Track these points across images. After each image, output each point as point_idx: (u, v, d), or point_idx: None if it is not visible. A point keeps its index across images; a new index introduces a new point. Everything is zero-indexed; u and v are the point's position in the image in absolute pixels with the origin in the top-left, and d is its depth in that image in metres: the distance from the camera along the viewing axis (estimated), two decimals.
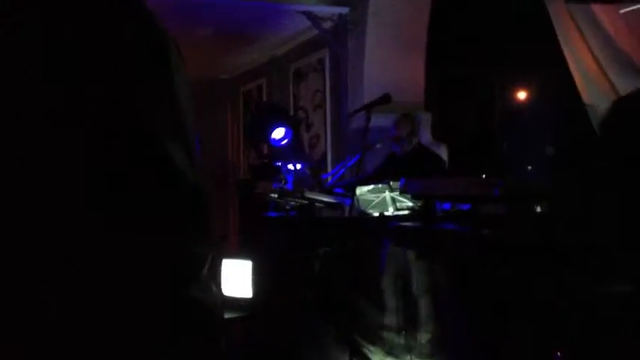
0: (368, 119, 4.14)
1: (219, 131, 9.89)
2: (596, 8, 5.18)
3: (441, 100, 7.16)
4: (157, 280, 0.92)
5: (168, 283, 0.93)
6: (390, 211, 4.71)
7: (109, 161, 0.90)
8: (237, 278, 5.40)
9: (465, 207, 4.14)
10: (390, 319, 5.09)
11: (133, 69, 0.94)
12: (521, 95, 7.10)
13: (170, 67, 0.99)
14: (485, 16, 6.62)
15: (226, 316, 5.24)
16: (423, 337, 4.84)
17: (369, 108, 4.26)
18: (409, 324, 4.95)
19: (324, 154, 7.25)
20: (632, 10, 4.99)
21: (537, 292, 3.66)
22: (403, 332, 4.99)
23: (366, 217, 4.69)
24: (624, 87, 5.08)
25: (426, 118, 6.47)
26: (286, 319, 5.01)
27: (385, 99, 4.25)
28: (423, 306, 4.82)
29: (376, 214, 4.74)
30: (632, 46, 5.08)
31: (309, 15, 6.76)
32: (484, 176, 3.70)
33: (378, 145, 5.36)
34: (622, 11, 5.00)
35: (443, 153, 6.26)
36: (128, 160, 0.91)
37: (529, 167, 5.98)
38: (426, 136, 6.28)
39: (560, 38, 5.44)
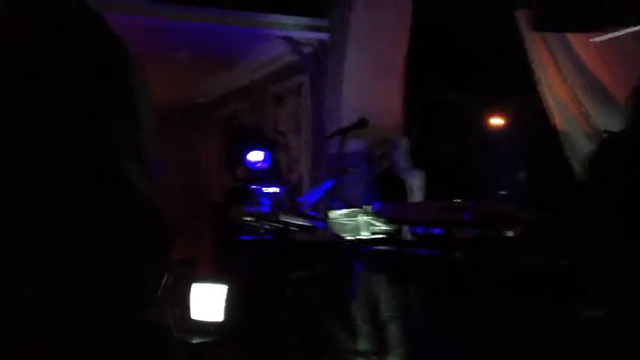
0: (343, 143, 4.15)
1: (195, 155, 9.86)
2: (570, 36, 5.25)
3: (418, 126, 7.20)
4: (110, 302, 0.90)
5: (121, 304, 0.91)
6: (364, 235, 4.71)
7: (62, 177, 0.89)
8: (208, 302, 5.36)
9: (437, 231, 4.16)
10: (363, 345, 5.07)
11: (92, 85, 0.94)
12: (497, 121, 7.17)
13: (131, 85, 0.98)
14: (462, 43, 6.69)
15: (197, 340, 5.19)
16: None
17: (344, 132, 4.28)
18: (382, 349, 4.93)
19: (302, 178, 7.25)
20: (605, 40, 5.06)
21: (510, 315, 3.66)
22: (375, 358, 4.97)
23: (339, 241, 4.68)
24: (597, 114, 5.15)
25: (404, 144, 6.50)
26: (258, 344, 4.96)
27: (361, 124, 4.27)
28: (392, 331, 4.80)
29: (350, 238, 4.75)
30: (605, 74, 5.14)
31: (289, 40, 6.80)
32: (457, 201, 3.71)
33: (355, 170, 5.38)
34: (593, 40, 5.07)
35: (420, 178, 6.28)
36: (83, 177, 0.90)
37: (502, 192, 6.02)
38: (403, 161, 6.31)
39: (534, 65, 5.51)
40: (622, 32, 4.94)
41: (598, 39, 5.10)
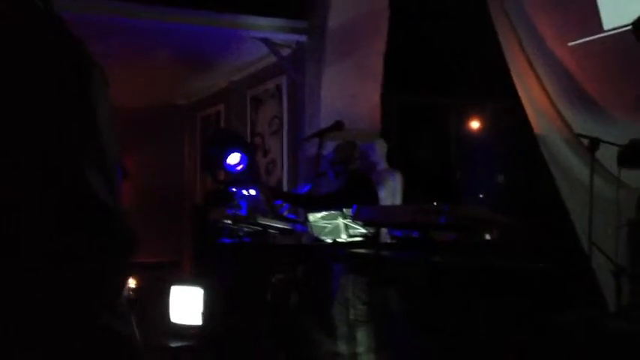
0: (320, 146, 4.15)
1: (176, 157, 9.82)
2: (547, 40, 5.29)
3: (397, 128, 7.22)
4: (67, 309, 0.89)
5: (78, 312, 0.90)
6: (342, 238, 4.71)
7: (20, 184, 0.87)
8: (187, 305, 5.33)
9: (416, 234, 4.17)
10: (342, 347, 5.06)
11: (51, 90, 0.92)
12: (475, 124, 7.21)
13: (91, 90, 0.97)
14: (441, 46, 6.72)
15: (176, 344, 5.17)
16: None
17: (321, 135, 4.27)
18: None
19: (280, 180, 7.24)
20: (582, 43, 5.10)
21: (485, 318, 3.68)
22: None
23: (318, 244, 4.68)
24: (574, 118, 5.18)
25: (381, 146, 6.50)
26: (237, 348, 4.95)
27: (337, 126, 4.26)
28: (360, 337, 4.80)
29: (329, 241, 4.75)
30: (583, 78, 5.18)
31: (267, 42, 6.79)
32: (434, 204, 3.72)
33: (330, 173, 5.38)
34: (571, 44, 5.11)
35: (399, 180, 6.29)
36: (42, 184, 0.88)
37: (480, 195, 6.06)
38: (381, 164, 6.31)
39: (511, 68, 5.54)
40: (599, 35, 4.99)
41: (575, 42, 5.14)
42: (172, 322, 5.40)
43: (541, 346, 3.75)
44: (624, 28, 4.63)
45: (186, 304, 5.35)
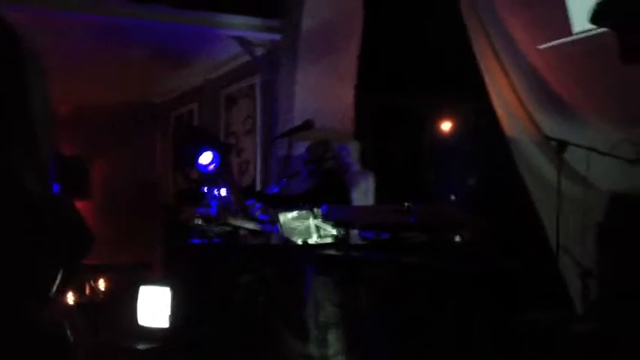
0: (289, 145, 4.12)
1: (148, 156, 9.74)
2: (518, 42, 5.31)
3: (370, 129, 7.22)
4: None
5: (5, 303, 0.87)
6: (313, 239, 4.69)
7: None
8: (155, 307, 5.28)
9: (386, 235, 4.16)
10: (312, 349, 5.03)
11: None
12: (448, 126, 7.23)
13: (25, 80, 0.94)
14: (413, 48, 6.72)
15: (143, 346, 5.11)
16: None
17: (290, 134, 4.24)
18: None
19: (254, 180, 7.21)
20: (551, 46, 5.13)
21: (454, 318, 3.68)
22: None
23: (288, 245, 4.65)
24: (542, 120, 5.21)
25: (355, 147, 6.49)
26: (205, 350, 4.91)
27: (306, 125, 4.24)
28: (330, 339, 4.78)
29: (299, 242, 4.72)
30: (553, 80, 5.21)
31: (241, 41, 6.76)
32: (405, 205, 3.71)
33: (303, 172, 5.36)
34: (540, 47, 5.13)
35: (371, 181, 6.28)
36: None
37: (453, 197, 6.07)
38: (354, 164, 6.30)
39: (483, 70, 5.55)
40: (569, 38, 5.01)
41: (545, 45, 5.16)
42: (140, 325, 5.34)
43: (508, 346, 3.76)
44: (594, 31, 4.66)
45: (155, 306, 5.30)
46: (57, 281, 0.94)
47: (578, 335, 3.62)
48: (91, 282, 7.11)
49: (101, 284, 7.33)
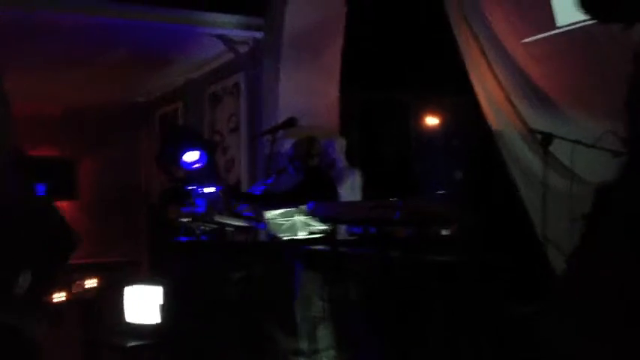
0: (273, 142, 4.11)
1: (133, 155, 9.70)
2: (502, 36, 5.32)
3: (356, 125, 7.22)
4: None
5: None
6: (300, 235, 4.69)
7: None
8: (143, 304, 5.26)
9: (374, 230, 4.15)
10: (303, 344, 5.03)
11: None
12: (434, 120, 7.25)
13: None
14: (399, 41, 6.73)
15: (133, 343, 5.09)
16: None
17: (273, 131, 4.22)
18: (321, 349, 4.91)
19: (240, 178, 7.18)
20: (535, 40, 5.15)
21: (443, 312, 3.69)
22: (316, 357, 4.94)
23: (276, 241, 4.65)
24: (528, 113, 5.23)
25: (340, 143, 6.49)
26: (195, 347, 4.89)
27: (290, 122, 4.22)
28: (319, 333, 4.79)
29: (286, 238, 4.72)
30: (537, 73, 5.23)
31: (223, 39, 6.73)
32: (390, 200, 3.72)
33: (290, 169, 5.35)
34: (524, 41, 5.15)
35: (358, 177, 6.28)
36: None
37: (440, 191, 6.09)
38: (340, 161, 6.30)
39: (467, 64, 5.57)
40: (553, 32, 5.03)
41: (529, 39, 5.18)
42: (128, 322, 5.32)
43: (496, 339, 3.77)
44: (578, 25, 4.68)
45: (143, 303, 5.28)
46: (21, 282, 0.92)
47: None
48: (79, 281, 7.07)
49: (89, 283, 7.29)
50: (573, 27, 4.78)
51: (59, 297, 6.40)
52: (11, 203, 0.91)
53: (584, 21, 4.32)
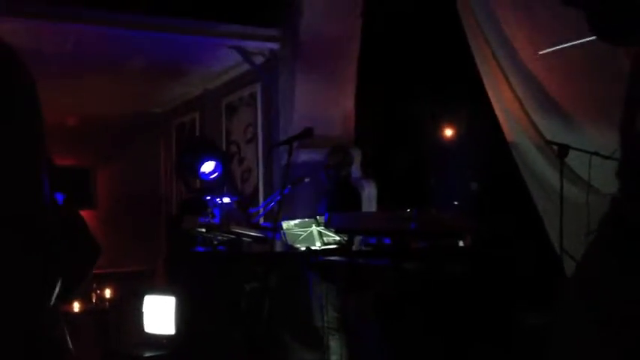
0: (290, 153, 4.12)
1: (152, 165, 9.77)
2: (518, 48, 5.33)
3: (371, 136, 7.23)
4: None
5: (3, 312, 0.87)
6: (317, 246, 4.71)
7: None
8: (161, 314, 5.28)
9: (388, 241, 4.17)
10: (316, 355, 5.04)
11: None
12: (450, 132, 7.24)
13: (13, 92, 0.93)
14: (415, 53, 6.74)
15: (149, 354, 5.12)
16: None
17: (290, 142, 4.24)
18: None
19: (256, 188, 7.21)
20: (552, 52, 5.14)
21: (459, 324, 3.69)
22: None
23: (292, 251, 4.66)
24: (544, 125, 5.22)
25: (355, 154, 6.51)
26: (211, 357, 4.91)
27: (306, 133, 4.23)
28: (336, 342, 4.79)
29: (303, 249, 4.73)
30: (553, 85, 5.22)
31: (240, 50, 6.78)
32: (406, 211, 3.73)
33: (306, 179, 5.37)
34: (541, 52, 5.14)
35: (373, 188, 6.30)
36: None
37: (455, 202, 6.08)
38: (355, 171, 6.32)
39: (483, 76, 5.57)
40: (569, 44, 5.03)
41: (545, 51, 5.18)
42: (146, 332, 5.34)
43: (512, 350, 3.76)
44: (594, 37, 4.67)
45: (160, 314, 5.30)
46: (56, 290, 0.93)
47: None
48: (97, 290, 7.14)
49: (107, 293, 7.35)
50: (589, 39, 4.77)
51: (78, 306, 6.45)
52: (48, 213, 0.94)
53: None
